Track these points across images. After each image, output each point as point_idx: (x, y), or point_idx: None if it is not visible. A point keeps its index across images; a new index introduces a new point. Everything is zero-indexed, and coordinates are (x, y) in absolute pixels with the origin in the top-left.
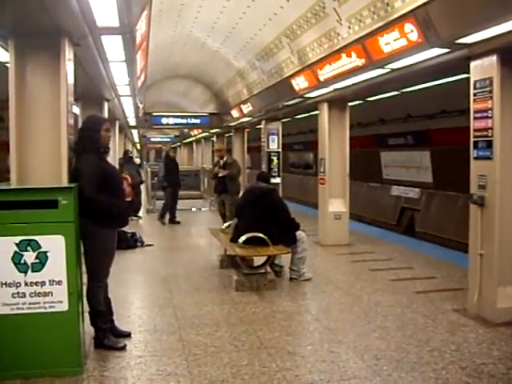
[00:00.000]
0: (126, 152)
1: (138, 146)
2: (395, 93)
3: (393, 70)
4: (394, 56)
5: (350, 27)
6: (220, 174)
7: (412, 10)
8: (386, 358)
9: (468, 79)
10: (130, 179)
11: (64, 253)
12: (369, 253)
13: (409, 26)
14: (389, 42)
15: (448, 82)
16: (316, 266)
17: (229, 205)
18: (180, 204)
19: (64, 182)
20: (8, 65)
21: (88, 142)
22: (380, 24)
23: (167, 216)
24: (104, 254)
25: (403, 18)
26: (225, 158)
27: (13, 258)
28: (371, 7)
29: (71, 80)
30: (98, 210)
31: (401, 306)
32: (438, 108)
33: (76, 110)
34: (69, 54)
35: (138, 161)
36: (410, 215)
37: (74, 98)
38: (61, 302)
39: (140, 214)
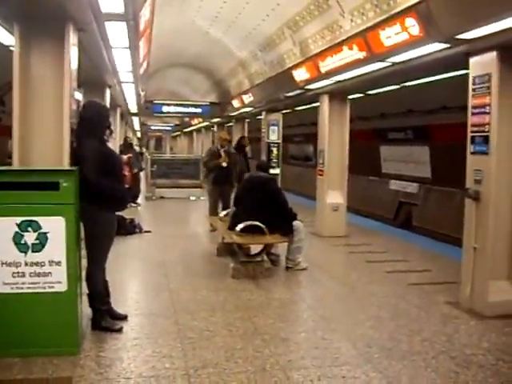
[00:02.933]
0: (125, 139)
1: (139, 134)
2: (396, 87)
3: (394, 64)
4: (394, 50)
5: (352, 20)
6: (224, 164)
7: (414, 5)
8: (377, 347)
9: (467, 75)
10: (128, 166)
11: (64, 234)
12: (365, 245)
13: (410, 21)
14: (390, 35)
15: (449, 78)
16: (312, 256)
17: (228, 196)
18: (178, 193)
19: (65, 165)
20: (12, 48)
21: (94, 127)
22: (382, 18)
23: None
24: (104, 237)
25: (405, 12)
26: (227, 147)
27: (14, 238)
28: (374, 1)
29: (75, 65)
30: (102, 194)
31: (395, 297)
32: (438, 103)
33: (79, 95)
34: (73, 39)
35: (137, 148)
36: (408, 209)
37: (77, 83)
38: (60, 282)
39: (139, 201)
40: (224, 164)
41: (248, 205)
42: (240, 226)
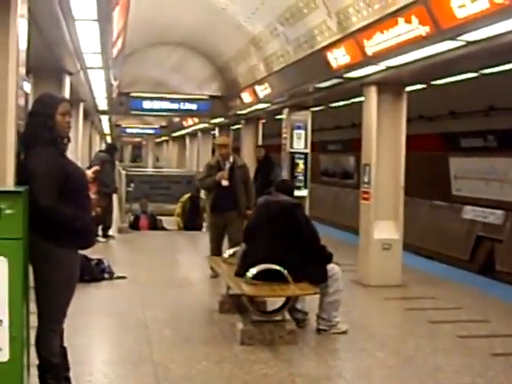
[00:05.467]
0: (111, 146)
1: (109, 139)
2: (472, 75)
3: (469, 44)
4: (470, 23)
5: None
6: (224, 183)
7: None
8: None
9: None
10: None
11: (6, 281)
12: (429, 298)
13: None
14: (464, 3)
15: None
16: (354, 313)
17: (237, 229)
18: (166, 222)
19: (9, 185)
20: None
21: (41, 130)
22: None
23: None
24: (62, 285)
25: None
26: (231, 159)
27: None
28: None
29: (23, 45)
30: (60, 225)
31: (471, 374)
32: None
33: (27, 86)
34: (21, 7)
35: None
36: (489, 248)
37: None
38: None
39: (110, 233)
40: (224, 183)
41: (264, 241)
42: (252, 271)
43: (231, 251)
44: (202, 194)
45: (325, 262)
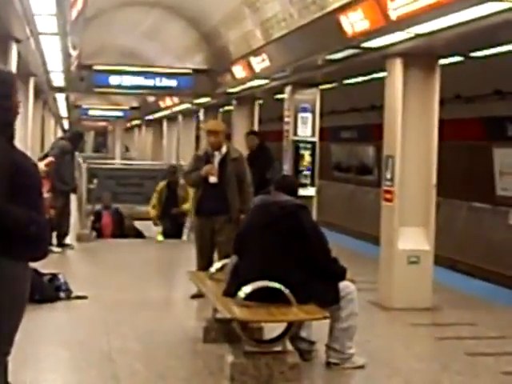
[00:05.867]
0: (76, 134)
1: (66, 124)
2: None
3: None
4: None
5: None
6: (211, 180)
7: None
8: None
9: None
10: (48, 181)
11: None
12: (466, 325)
13: None
14: None
15: None
16: (373, 343)
17: (226, 238)
18: (139, 227)
19: None
20: None
21: None
22: None
23: None
24: (9, 305)
25: None
26: (223, 149)
27: None
28: None
29: None
30: (6, 229)
31: None
32: None
33: None
34: None
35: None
36: None
37: None
38: None
39: (68, 241)
40: (212, 179)
41: (259, 252)
42: (246, 290)
43: (219, 265)
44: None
45: (336, 279)
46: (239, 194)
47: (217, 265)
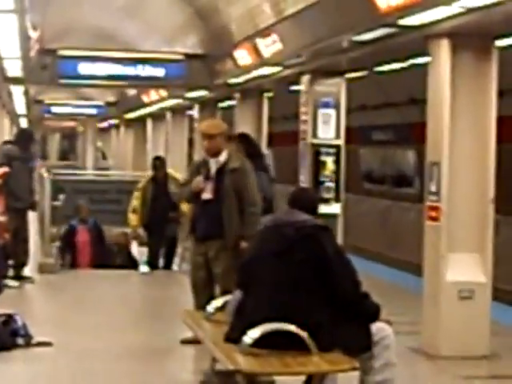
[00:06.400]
0: (24, 134)
1: (24, 123)
2: None
3: None
4: None
5: None
6: (204, 196)
7: None
8: None
9: None
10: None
11: None
12: None
13: None
14: None
15: None
16: None
17: (223, 268)
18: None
19: None
20: None
21: None
22: None
23: None
24: None
25: None
26: (222, 157)
27: None
28: None
29: None
30: None
31: None
32: None
33: None
34: None
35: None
36: None
37: None
38: None
39: (27, 273)
40: (205, 195)
41: (269, 286)
42: (253, 335)
43: (219, 302)
44: (176, 174)
45: (368, 320)
46: (238, 214)
47: (216, 302)
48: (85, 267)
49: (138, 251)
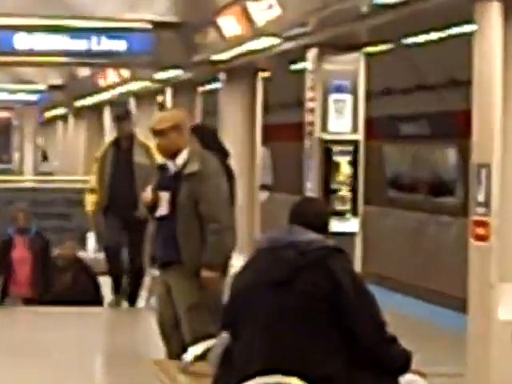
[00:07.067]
0: None
1: None
2: None
3: None
4: None
5: None
6: (158, 212)
7: None
8: None
9: None
10: None
11: None
12: None
13: None
14: None
15: None
16: None
17: (184, 303)
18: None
19: None
20: None
21: None
22: None
23: None
24: None
25: None
26: (180, 159)
27: None
28: None
29: None
30: None
31: None
32: None
33: None
34: None
35: None
36: None
37: None
38: None
39: None
40: (161, 211)
41: (266, 328)
42: None
43: (198, 349)
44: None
45: (395, 372)
46: (199, 232)
47: (195, 349)
48: (22, 294)
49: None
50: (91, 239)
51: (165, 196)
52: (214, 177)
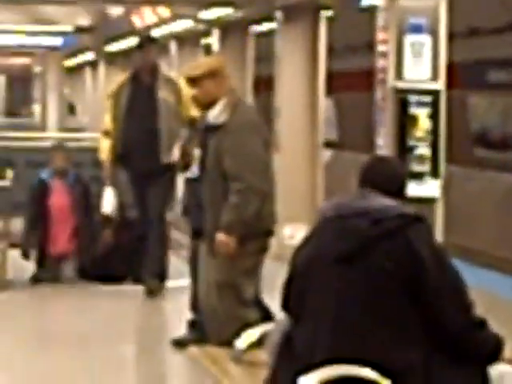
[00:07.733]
0: None
1: None
2: None
3: None
4: None
5: None
6: (188, 174)
7: None
8: None
9: None
10: None
11: None
12: None
13: None
14: None
15: None
16: None
17: (210, 280)
18: None
19: None
20: None
21: None
22: None
23: None
24: None
25: None
26: (215, 111)
27: None
28: None
29: None
30: None
31: None
32: None
33: None
34: None
35: None
36: None
37: None
38: None
39: None
40: (190, 172)
41: (334, 310)
42: (309, 382)
43: (253, 334)
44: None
45: (484, 361)
46: (223, 195)
47: (249, 335)
48: (62, 251)
49: None
50: (107, 197)
51: (197, 154)
52: (241, 129)
